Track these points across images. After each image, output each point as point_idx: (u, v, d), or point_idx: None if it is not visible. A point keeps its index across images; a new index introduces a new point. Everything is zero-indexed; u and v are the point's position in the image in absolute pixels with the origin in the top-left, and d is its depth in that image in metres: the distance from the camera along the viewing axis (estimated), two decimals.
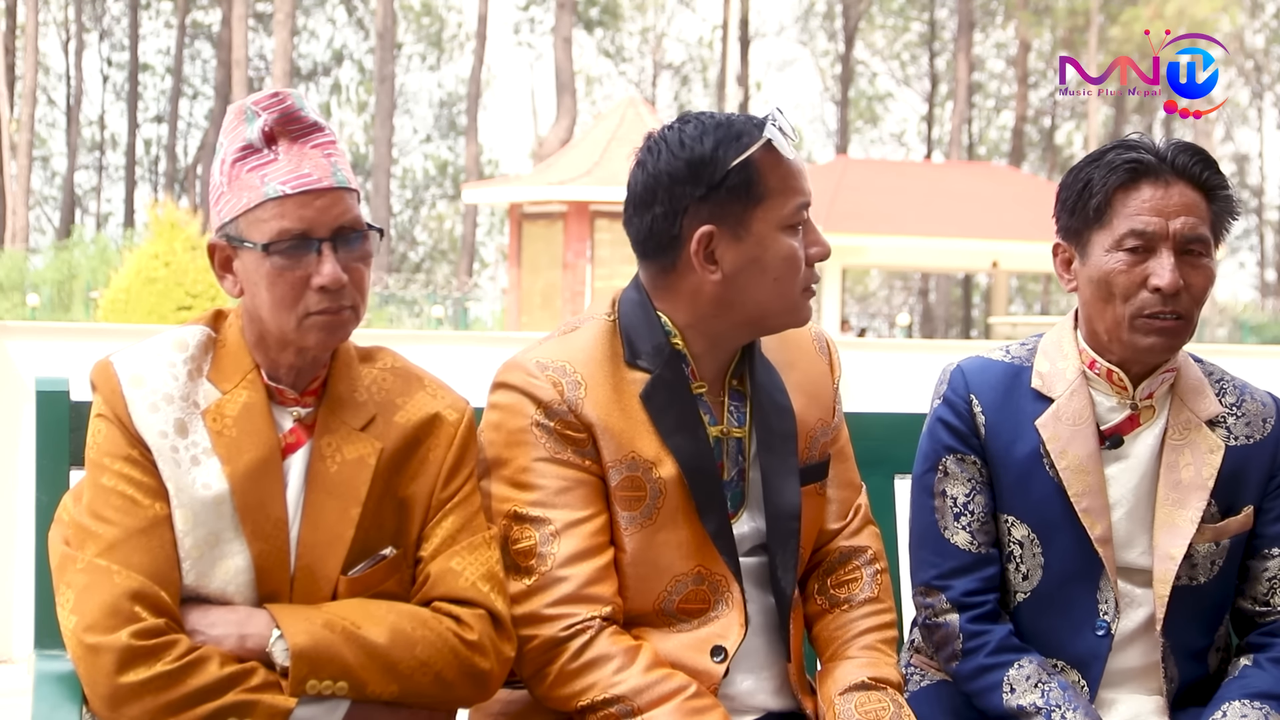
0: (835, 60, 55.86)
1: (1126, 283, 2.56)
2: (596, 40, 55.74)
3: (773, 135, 2.44)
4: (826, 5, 55.64)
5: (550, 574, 2.42)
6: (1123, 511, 2.63)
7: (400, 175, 56.18)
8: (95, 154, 55.17)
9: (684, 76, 56.86)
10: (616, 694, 2.38)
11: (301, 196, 2.28)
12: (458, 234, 54.17)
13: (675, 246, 2.47)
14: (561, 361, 2.47)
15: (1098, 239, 2.59)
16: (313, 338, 2.32)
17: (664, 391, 2.48)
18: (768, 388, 2.56)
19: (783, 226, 2.46)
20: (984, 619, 2.63)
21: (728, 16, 35.83)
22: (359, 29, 56.00)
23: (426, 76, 68.81)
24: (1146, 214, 2.56)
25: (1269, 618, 2.68)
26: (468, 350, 11.76)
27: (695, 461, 2.47)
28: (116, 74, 54.42)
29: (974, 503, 2.67)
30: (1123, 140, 2.63)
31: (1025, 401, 2.66)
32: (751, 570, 2.53)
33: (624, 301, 2.54)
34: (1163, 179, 2.57)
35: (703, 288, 2.47)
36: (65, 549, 2.29)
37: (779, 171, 2.45)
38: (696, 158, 2.43)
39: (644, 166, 2.48)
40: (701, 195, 2.43)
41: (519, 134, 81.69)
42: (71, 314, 27.27)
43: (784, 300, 2.48)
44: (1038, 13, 47.47)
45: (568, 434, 2.44)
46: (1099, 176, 2.58)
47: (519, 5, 54.81)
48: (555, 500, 2.44)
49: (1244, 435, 2.67)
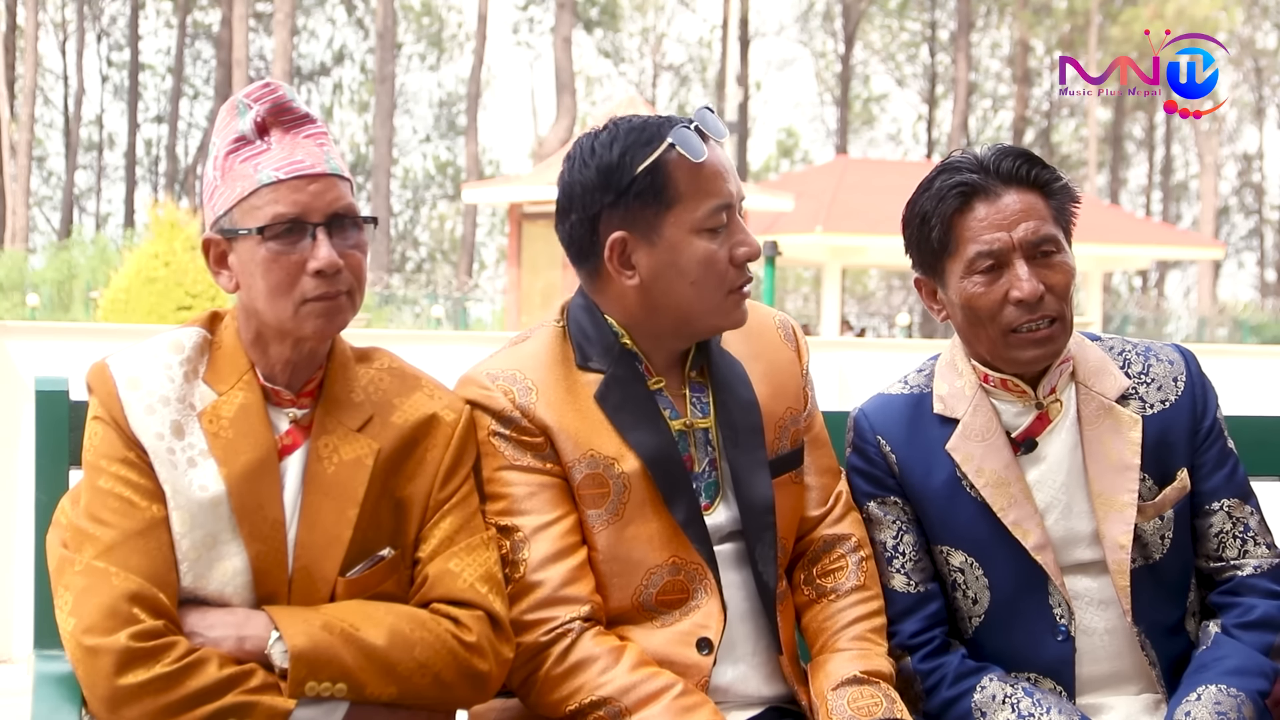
0: (835, 60, 55.87)
1: (989, 303, 2.56)
2: (596, 40, 55.76)
3: (679, 139, 2.44)
4: (826, 5, 55.63)
5: (525, 579, 2.43)
6: (1057, 512, 2.63)
7: (401, 175, 56.21)
8: (94, 154, 55.20)
9: (684, 77, 56.89)
10: (604, 695, 2.38)
11: (295, 181, 2.29)
12: (458, 234, 54.17)
13: (595, 253, 2.50)
14: (511, 369, 2.50)
15: (950, 267, 2.59)
16: (310, 325, 2.32)
17: (618, 390, 2.49)
18: (729, 382, 2.57)
19: (697, 230, 2.46)
20: (934, 654, 2.64)
21: (727, 16, 35.81)
22: (359, 29, 56.04)
23: (426, 76, 68.81)
24: (988, 231, 2.55)
25: (1226, 573, 2.67)
26: (467, 350, 11.76)
27: (658, 453, 2.47)
28: (116, 74, 54.48)
29: (903, 543, 2.67)
30: (945, 164, 2.63)
31: (931, 429, 2.67)
32: (729, 556, 2.53)
33: (572, 307, 2.57)
34: (993, 192, 2.56)
35: (626, 293, 2.50)
36: (63, 551, 2.29)
37: (690, 175, 2.45)
38: (605, 164, 2.46)
39: (563, 175, 2.52)
40: (611, 202, 2.46)
41: (519, 134, 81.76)
42: (71, 314, 27.27)
43: (706, 302, 2.48)
44: (1037, 12, 47.45)
45: (524, 440, 2.47)
46: (931, 207, 2.59)
47: (518, 5, 54.83)
48: (521, 506, 2.46)
49: (1158, 401, 2.66)
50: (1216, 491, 2.67)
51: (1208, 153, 46.28)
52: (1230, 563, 2.67)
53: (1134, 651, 2.63)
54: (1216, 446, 2.68)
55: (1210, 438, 2.68)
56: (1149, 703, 2.64)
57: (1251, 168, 57.87)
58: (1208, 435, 2.67)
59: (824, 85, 57.78)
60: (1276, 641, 2.61)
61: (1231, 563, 2.66)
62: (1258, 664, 2.57)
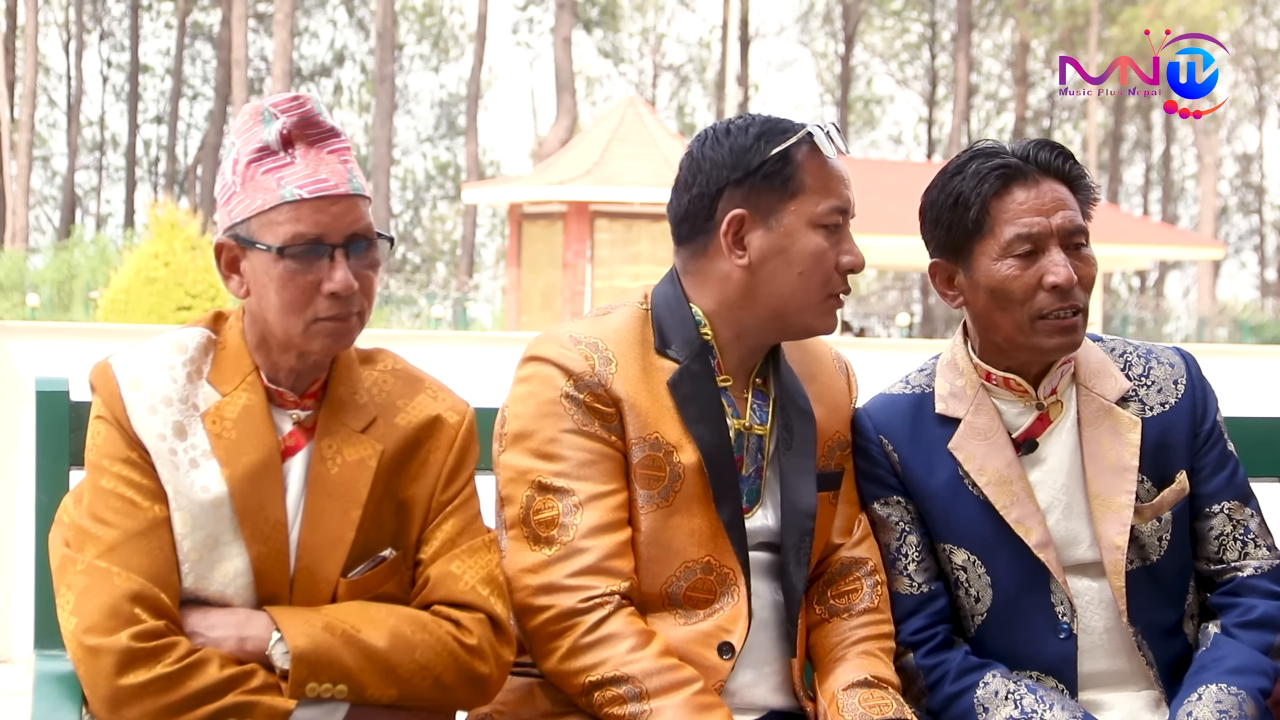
0: (835, 61, 55.88)
1: (1022, 287, 2.56)
2: (596, 41, 55.76)
3: (815, 133, 2.51)
4: (826, 6, 55.64)
5: (572, 544, 2.44)
6: (1058, 512, 2.63)
7: (401, 176, 56.20)
8: (95, 154, 55.19)
9: (683, 77, 56.90)
10: (627, 673, 2.38)
11: (318, 202, 2.28)
12: (458, 235, 54.17)
13: (708, 229, 2.52)
14: (594, 338, 2.51)
15: (981, 249, 2.59)
16: (318, 343, 2.32)
17: (690, 382, 2.51)
18: (791, 390, 2.60)
19: (814, 224, 2.50)
20: (937, 650, 2.64)
21: (727, 17, 35.83)
22: (359, 29, 56.04)
23: (427, 77, 68.80)
24: (1028, 215, 2.56)
25: (1226, 575, 2.67)
26: (467, 350, 11.77)
27: (716, 453, 2.49)
28: (117, 74, 54.46)
29: (906, 544, 2.67)
30: (976, 150, 2.64)
31: (933, 428, 2.67)
32: (760, 565, 2.55)
33: (657, 293, 2.58)
34: (1031, 179, 2.58)
35: (731, 274, 2.52)
36: (65, 551, 2.29)
37: (817, 170, 2.51)
38: (739, 145, 2.51)
39: (690, 152, 2.56)
40: (737, 179, 2.50)
41: (519, 134, 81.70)
42: (71, 314, 27.29)
43: (806, 297, 2.51)
44: (1037, 13, 47.46)
45: (596, 407, 2.47)
46: (969, 188, 2.58)
47: (518, 5, 54.83)
48: (580, 472, 2.46)
49: (1158, 403, 2.67)
50: (1217, 494, 2.67)
51: (1207, 153, 46.29)
52: (1231, 565, 2.67)
53: (1132, 651, 2.64)
54: (1216, 449, 2.68)
55: (1210, 441, 2.68)
56: (1149, 700, 2.64)
57: (1251, 168, 57.88)
58: (1207, 438, 2.68)
59: (824, 86, 57.79)
60: (1277, 641, 2.61)
61: (1232, 565, 2.66)
62: (1258, 663, 2.57)
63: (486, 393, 2.57)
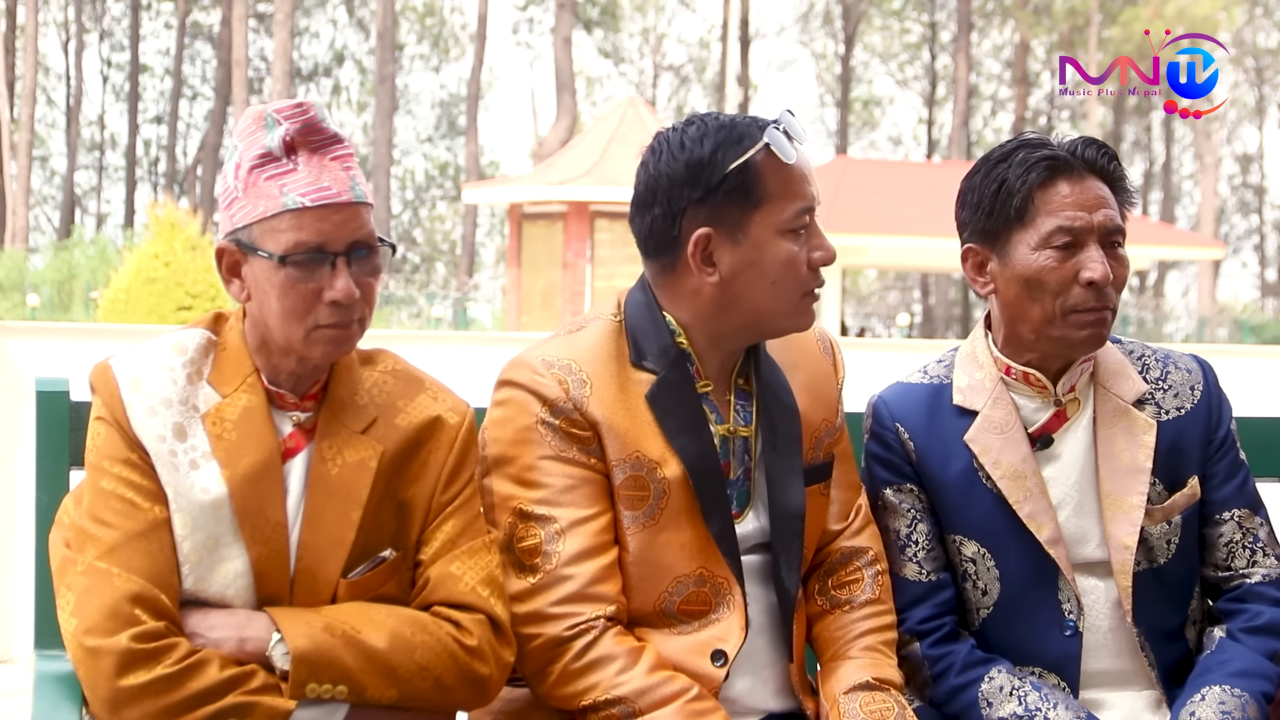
0: (835, 61, 55.86)
1: (1058, 279, 2.57)
2: (596, 41, 55.74)
3: (773, 139, 2.44)
4: (826, 6, 55.63)
5: (555, 572, 2.42)
6: (1069, 509, 2.64)
7: (401, 176, 56.18)
8: (95, 154, 55.18)
9: (684, 77, 56.88)
10: (619, 695, 2.38)
11: (320, 210, 2.27)
12: (458, 235, 54.17)
13: (674, 247, 2.47)
14: (567, 360, 2.48)
15: (1020, 238, 2.59)
16: (319, 350, 2.32)
17: (669, 393, 2.48)
18: (773, 386, 2.57)
19: (782, 231, 2.46)
20: (943, 641, 2.64)
21: (727, 17, 35.83)
22: (360, 29, 56.02)
23: (427, 77, 68.74)
24: (1071, 209, 2.57)
25: (1233, 582, 2.68)
26: (467, 350, 11.76)
27: (700, 463, 2.47)
28: (116, 74, 54.45)
29: (916, 532, 2.68)
30: (1023, 140, 2.64)
31: (950, 419, 2.67)
32: (754, 568, 2.53)
33: (630, 302, 2.54)
34: (1076, 174, 2.59)
35: (702, 289, 2.48)
36: (66, 551, 2.29)
37: (779, 176, 2.45)
38: (695, 160, 2.44)
39: (646, 166, 2.49)
40: (699, 197, 2.44)
41: (519, 134, 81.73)
42: (71, 314, 27.28)
43: (783, 304, 2.48)
44: (1037, 13, 47.45)
45: (573, 432, 2.45)
46: (1015, 176, 2.59)
47: (518, 5, 54.81)
48: (561, 498, 2.44)
49: (1174, 408, 2.68)
50: (1227, 502, 2.68)
51: (1207, 153, 46.27)
52: (1239, 572, 2.68)
53: (1134, 652, 2.64)
54: (1229, 457, 2.70)
55: (1223, 449, 2.69)
56: (1150, 701, 2.64)
57: (1251, 168, 57.87)
58: (1221, 446, 2.69)
59: (824, 86, 57.79)
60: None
61: (1240, 572, 2.68)
62: (1262, 667, 2.58)
63: (486, 393, 2.57)
